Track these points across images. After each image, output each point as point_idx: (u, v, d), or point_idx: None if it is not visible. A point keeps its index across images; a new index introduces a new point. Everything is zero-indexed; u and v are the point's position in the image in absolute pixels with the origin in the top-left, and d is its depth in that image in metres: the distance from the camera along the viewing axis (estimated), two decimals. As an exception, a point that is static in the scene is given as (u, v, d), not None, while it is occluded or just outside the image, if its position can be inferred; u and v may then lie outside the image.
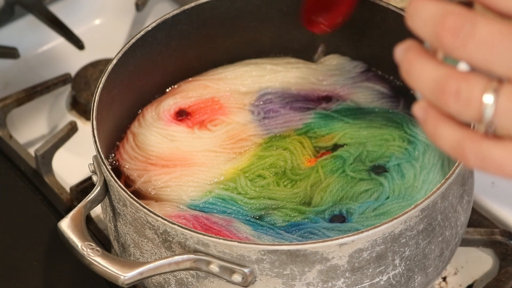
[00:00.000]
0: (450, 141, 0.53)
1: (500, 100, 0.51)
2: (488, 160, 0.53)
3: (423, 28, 0.52)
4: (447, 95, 0.52)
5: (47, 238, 0.93)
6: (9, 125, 1.09)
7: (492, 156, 0.52)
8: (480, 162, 0.53)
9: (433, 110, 0.54)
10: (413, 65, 0.53)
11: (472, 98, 0.51)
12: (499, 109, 0.51)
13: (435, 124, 0.54)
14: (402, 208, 0.82)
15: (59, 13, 1.19)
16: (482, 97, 0.51)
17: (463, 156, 0.53)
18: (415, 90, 0.54)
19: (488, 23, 0.51)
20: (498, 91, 0.51)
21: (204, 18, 0.95)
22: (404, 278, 0.78)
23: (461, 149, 0.53)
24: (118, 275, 0.73)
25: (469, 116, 0.52)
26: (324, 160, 0.88)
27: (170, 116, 0.93)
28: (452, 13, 0.51)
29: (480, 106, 0.51)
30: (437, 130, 0.54)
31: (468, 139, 0.53)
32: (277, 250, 0.73)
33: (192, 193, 0.86)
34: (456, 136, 0.53)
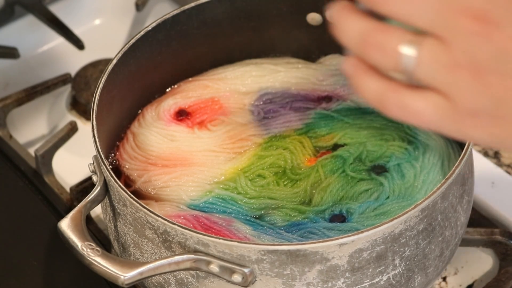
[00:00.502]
0: (374, 92, 0.57)
1: (419, 51, 0.55)
2: (408, 109, 0.57)
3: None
4: (370, 46, 0.56)
5: (47, 238, 0.93)
6: (9, 125, 1.09)
7: (411, 105, 0.56)
8: (401, 111, 0.57)
9: (360, 64, 0.58)
10: (342, 20, 0.58)
11: (393, 49, 0.55)
12: (418, 60, 0.55)
13: (361, 77, 0.58)
14: (402, 208, 0.82)
15: (59, 13, 1.19)
16: (402, 48, 0.55)
17: (385, 106, 0.57)
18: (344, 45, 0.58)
19: None
20: (419, 43, 0.55)
21: (204, 18, 0.95)
22: (404, 278, 0.78)
23: (383, 99, 0.57)
24: (118, 275, 0.73)
25: (390, 66, 0.56)
26: (324, 160, 0.88)
27: (170, 116, 0.93)
28: None
29: (400, 57, 0.55)
30: (362, 83, 0.58)
31: (390, 89, 0.57)
32: (277, 250, 0.73)
33: (192, 193, 0.86)
34: (379, 87, 0.57)
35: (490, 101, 0.55)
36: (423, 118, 0.57)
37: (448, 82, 0.55)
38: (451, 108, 0.56)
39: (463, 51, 0.54)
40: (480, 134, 0.57)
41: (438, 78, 0.55)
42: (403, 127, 0.90)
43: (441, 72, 0.55)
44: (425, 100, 0.56)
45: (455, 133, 0.58)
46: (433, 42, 0.55)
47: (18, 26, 1.21)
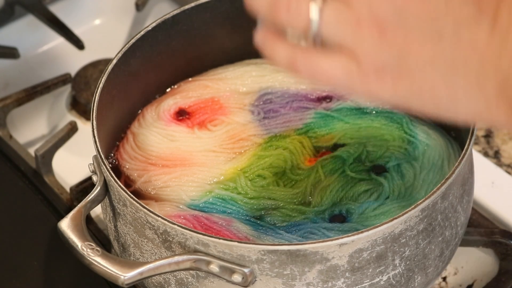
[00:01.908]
0: (285, 57, 0.60)
1: (323, 12, 0.57)
2: (318, 71, 0.59)
3: None
4: (279, 8, 0.59)
5: (47, 238, 0.93)
6: (9, 125, 1.09)
7: (321, 67, 0.59)
8: (310, 72, 0.59)
9: (270, 33, 0.61)
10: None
11: (300, 10, 0.58)
12: (323, 20, 0.57)
13: (272, 44, 0.61)
14: (402, 208, 0.82)
15: (59, 13, 1.19)
16: (309, 9, 0.57)
17: (295, 68, 0.60)
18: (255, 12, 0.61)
19: None
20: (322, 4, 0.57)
21: (204, 18, 0.95)
22: (404, 278, 0.78)
23: (294, 63, 0.60)
24: (118, 275, 0.73)
25: (298, 27, 0.58)
26: (324, 160, 0.88)
27: (170, 116, 0.93)
28: None
29: (308, 18, 0.58)
30: (273, 49, 0.61)
31: (300, 53, 0.59)
32: (277, 250, 0.73)
33: (192, 193, 0.86)
34: (289, 52, 0.60)
35: (393, 56, 0.57)
36: (331, 78, 0.59)
37: (352, 39, 0.57)
38: (357, 66, 0.58)
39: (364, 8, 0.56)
40: (386, 92, 0.58)
41: (342, 36, 0.57)
42: (403, 127, 0.90)
43: (344, 30, 0.57)
44: (333, 60, 0.58)
45: (363, 92, 0.59)
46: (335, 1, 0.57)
47: (18, 26, 1.21)
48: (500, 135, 1.07)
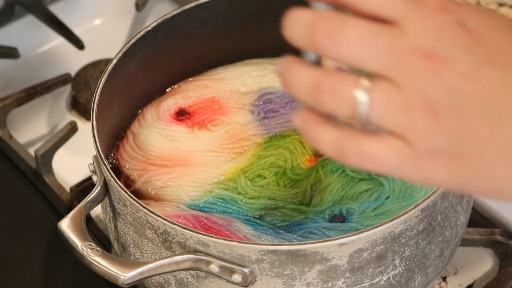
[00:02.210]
0: (330, 142, 0.55)
1: (372, 95, 0.53)
2: (367, 156, 0.55)
3: (299, 35, 0.56)
4: (323, 94, 0.54)
5: (47, 238, 0.93)
6: (9, 125, 1.09)
7: (371, 152, 0.54)
8: (360, 159, 0.55)
9: (312, 115, 0.56)
10: (290, 73, 0.57)
11: (346, 94, 0.54)
12: (372, 105, 0.53)
13: (314, 129, 0.56)
14: (402, 208, 0.82)
15: (59, 13, 1.19)
16: (355, 93, 0.53)
17: (343, 155, 0.55)
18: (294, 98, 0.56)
19: (357, 22, 0.54)
20: (370, 87, 0.53)
21: (204, 18, 0.95)
22: (404, 278, 0.78)
23: (340, 148, 0.55)
24: (118, 275, 0.73)
25: (344, 112, 0.54)
26: (324, 159, 0.88)
27: (170, 116, 0.93)
28: (323, 16, 0.54)
29: (354, 102, 0.54)
30: (316, 134, 0.56)
31: (346, 137, 0.55)
32: (277, 250, 0.73)
33: (192, 193, 0.86)
34: (335, 136, 0.55)
35: (448, 139, 0.53)
36: (383, 164, 0.55)
37: (404, 124, 0.53)
38: (410, 150, 0.54)
39: (415, 91, 0.53)
40: (442, 176, 0.55)
41: (393, 121, 0.54)
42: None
43: (395, 114, 0.53)
44: (384, 144, 0.54)
45: (417, 177, 0.55)
46: (384, 84, 0.53)
47: (18, 26, 1.21)
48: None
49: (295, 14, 0.56)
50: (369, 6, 0.54)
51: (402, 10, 0.53)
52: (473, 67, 0.53)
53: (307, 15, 0.55)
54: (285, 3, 0.96)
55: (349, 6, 0.54)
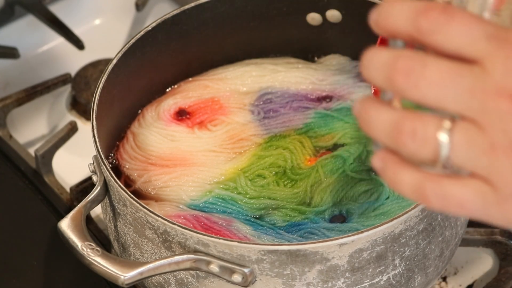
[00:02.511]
0: (411, 185, 0.54)
1: (454, 137, 0.52)
2: (450, 199, 0.53)
3: (377, 75, 0.53)
4: (404, 136, 0.53)
5: (47, 238, 0.93)
6: (9, 125, 1.09)
7: (453, 194, 0.53)
8: (442, 202, 0.53)
9: (391, 157, 0.54)
10: (369, 114, 0.54)
11: (427, 136, 0.52)
12: (454, 146, 0.52)
13: (394, 170, 0.54)
14: (402, 208, 0.82)
15: (59, 13, 1.19)
16: (437, 135, 0.52)
17: (425, 198, 0.54)
18: (373, 139, 0.55)
19: (438, 62, 0.52)
20: (452, 128, 0.52)
21: (204, 18, 0.95)
22: (404, 278, 0.78)
23: (422, 191, 0.53)
24: (118, 275, 0.73)
25: (426, 155, 0.53)
26: (324, 159, 0.88)
27: (170, 116, 0.93)
28: (402, 56, 0.52)
29: (436, 144, 0.52)
30: (396, 176, 0.54)
31: (428, 180, 0.53)
32: (277, 250, 0.73)
33: (192, 193, 0.86)
34: (416, 179, 0.54)
35: None
36: (466, 207, 0.53)
37: (487, 167, 0.52)
38: (493, 193, 0.53)
39: (500, 132, 0.51)
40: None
41: (476, 163, 0.52)
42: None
43: (478, 157, 0.52)
44: (467, 187, 0.53)
45: (501, 219, 0.54)
46: (467, 125, 0.52)
47: (18, 26, 1.21)
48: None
49: (373, 53, 0.54)
50: (450, 45, 0.52)
51: (484, 49, 0.52)
52: None
53: (386, 55, 0.53)
54: (285, 3, 0.97)
55: (429, 45, 0.53)
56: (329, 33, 0.98)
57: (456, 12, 0.52)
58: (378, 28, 0.54)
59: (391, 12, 0.54)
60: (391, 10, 0.54)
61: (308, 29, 0.98)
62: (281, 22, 0.98)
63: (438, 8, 0.52)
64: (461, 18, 0.52)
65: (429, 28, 0.52)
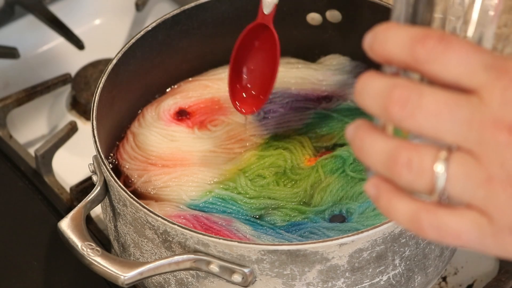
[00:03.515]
0: (406, 214, 0.53)
1: (451, 168, 0.51)
2: (445, 230, 0.52)
3: (372, 103, 0.52)
4: (399, 166, 0.52)
5: (47, 238, 0.93)
6: (9, 125, 1.09)
7: (449, 226, 0.52)
8: (438, 232, 0.53)
9: (386, 185, 0.54)
10: (364, 141, 0.53)
11: (424, 167, 0.51)
12: (450, 177, 0.51)
13: (389, 199, 0.53)
14: (402, 208, 0.82)
15: (59, 13, 1.19)
16: (434, 166, 0.51)
17: (420, 228, 0.53)
18: (367, 166, 0.54)
19: (434, 93, 0.51)
20: (448, 159, 0.51)
21: (204, 18, 0.95)
22: (404, 278, 0.78)
23: (417, 221, 0.53)
24: (118, 275, 0.73)
25: (422, 186, 0.52)
26: (324, 159, 0.88)
27: (170, 116, 0.93)
28: (398, 85, 0.51)
29: (432, 175, 0.51)
30: (391, 205, 0.53)
31: (423, 210, 0.52)
32: (277, 250, 0.73)
33: (192, 193, 0.86)
34: (411, 209, 0.53)
35: None
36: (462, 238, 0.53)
37: (484, 199, 0.51)
38: (490, 225, 0.52)
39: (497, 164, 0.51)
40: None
41: (473, 195, 0.51)
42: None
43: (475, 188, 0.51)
44: (463, 218, 0.52)
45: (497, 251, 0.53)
46: (463, 156, 0.51)
47: (18, 26, 1.21)
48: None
49: (368, 80, 0.53)
50: (447, 75, 0.51)
51: (482, 79, 0.51)
52: None
53: (381, 82, 0.52)
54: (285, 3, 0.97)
55: (425, 74, 0.52)
56: (329, 33, 0.98)
57: (454, 40, 0.51)
58: (373, 53, 0.53)
59: (386, 38, 0.52)
60: (386, 35, 0.52)
61: (308, 29, 0.98)
62: (281, 22, 0.98)
63: (435, 36, 0.51)
64: (459, 47, 0.51)
65: (426, 57, 0.51)
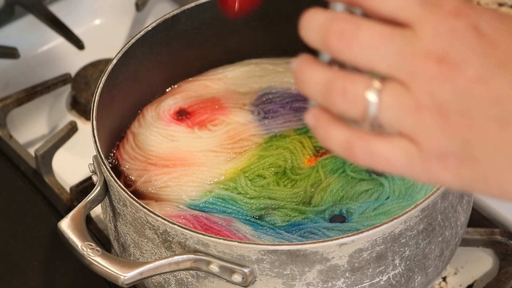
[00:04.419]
0: (340, 142, 0.56)
1: (382, 97, 0.54)
2: (376, 156, 0.56)
3: (313, 36, 0.56)
4: (335, 94, 0.55)
5: (47, 238, 0.93)
6: (9, 125, 1.09)
7: (380, 152, 0.55)
8: (369, 159, 0.56)
9: (323, 114, 0.57)
10: (304, 72, 0.57)
11: (357, 95, 0.55)
12: (382, 106, 0.54)
13: (325, 128, 0.57)
14: (402, 208, 0.82)
15: (59, 13, 1.19)
16: (366, 95, 0.54)
17: (353, 155, 0.56)
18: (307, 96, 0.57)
19: (371, 25, 0.54)
20: (381, 89, 0.54)
21: (204, 18, 0.95)
22: (404, 278, 0.78)
23: (350, 147, 0.56)
24: (118, 275, 0.73)
25: (355, 113, 0.55)
26: (324, 159, 0.88)
27: (170, 116, 0.93)
28: (337, 18, 0.55)
29: (365, 103, 0.54)
30: (327, 133, 0.57)
31: (356, 137, 0.56)
32: (277, 250, 0.73)
33: (192, 193, 0.86)
34: (345, 136, 0.56)
35: (457, 142, 0.54)
36: (392, 164, 0.56)
37: (413, 126, 0.54)
38: (418, 152, 0.55)
39: (426, 94, 0.54)
40: (450, 178, 0.55)
41: (403, 123, 0.54)
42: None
43: (405, 117, 0.54)
44: (393, 146, 0.55)
45: (425, 178, 0.56)
46: (395, 86, 0.54)
47: (18, 26, 1.21)
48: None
49: (311, 15, 0.57)
50: (384, 8, 0.54)
51: (416, 13, 0.54)
52: (485, 72, 0.53)
53: (322, 16, 0.56)
54: (285, 3, 0.97)
55: (364, 8, 0.55)
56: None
57: None
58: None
59: None
60: None
61: (308, 29, 0.98)
62: (281, 22, 0.98)
63: None
64: None
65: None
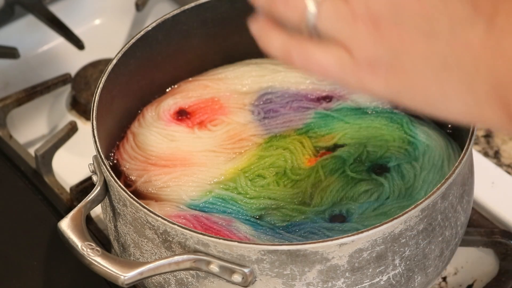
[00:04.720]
0: (279, 46, 0.61)
1: (321, 5, 0.59)
2: (311, 61, 0.60)
3: None
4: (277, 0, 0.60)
5: (47, 238, 0.93)
6: (9, 125, 1.09)
7: (315, 57, 0.60)
8: (305, 62, 0.60)
9: (267, 22, 0.62)
10: None
11: (297, 2, 0.59)
12: (320, 13, 0.59)
13: (266, 33, 0.62)
14: (402, 208, 0.82)
15: (59, 13, 1.19)
16: (306, 2, 0.59)
17: (289, 58, 0.61)
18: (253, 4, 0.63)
19: None
20: None
21: (204, 18, 0.95)
22: (404, 278, 0.78)
23: (288, 52, 0.61)
24: (118, 275, 0.73)
25: (295, 19, 0.60)
26: (324, 160, 0.88)
27: (170, 116, 0.93)
28: None
29: (304, 10, 0.59)
30: (267, 38, 0.62)
31: (295, 43, 0.60)
32: (277, 250, 0.73)
33: (192, 193, 0.86)
34: (284, 41, 0.61)
35: (386, 51, 0.58)
36: (324, 69, 0.60)
37: (347, 34, 0.58)
38: (351, 59, 0.59)
39: (361, 4, 0.58)
40: (378, 86, 0.59)
41: (338, 30, 0.59)
42: (403, 128, 0.90)
43: (340, 24, 0.58)
44: (327, 52, 0.60)
45: (356, 85, 0.60)
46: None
47: (18, 26, 1.21)
48: (500, 135, 1.07)
49: None
50: None
51: None
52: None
53: None
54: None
55: None
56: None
57: None
58: None
59: None
60: None
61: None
62: (281, 22, 0.98)
63: None
64: None
65: None
